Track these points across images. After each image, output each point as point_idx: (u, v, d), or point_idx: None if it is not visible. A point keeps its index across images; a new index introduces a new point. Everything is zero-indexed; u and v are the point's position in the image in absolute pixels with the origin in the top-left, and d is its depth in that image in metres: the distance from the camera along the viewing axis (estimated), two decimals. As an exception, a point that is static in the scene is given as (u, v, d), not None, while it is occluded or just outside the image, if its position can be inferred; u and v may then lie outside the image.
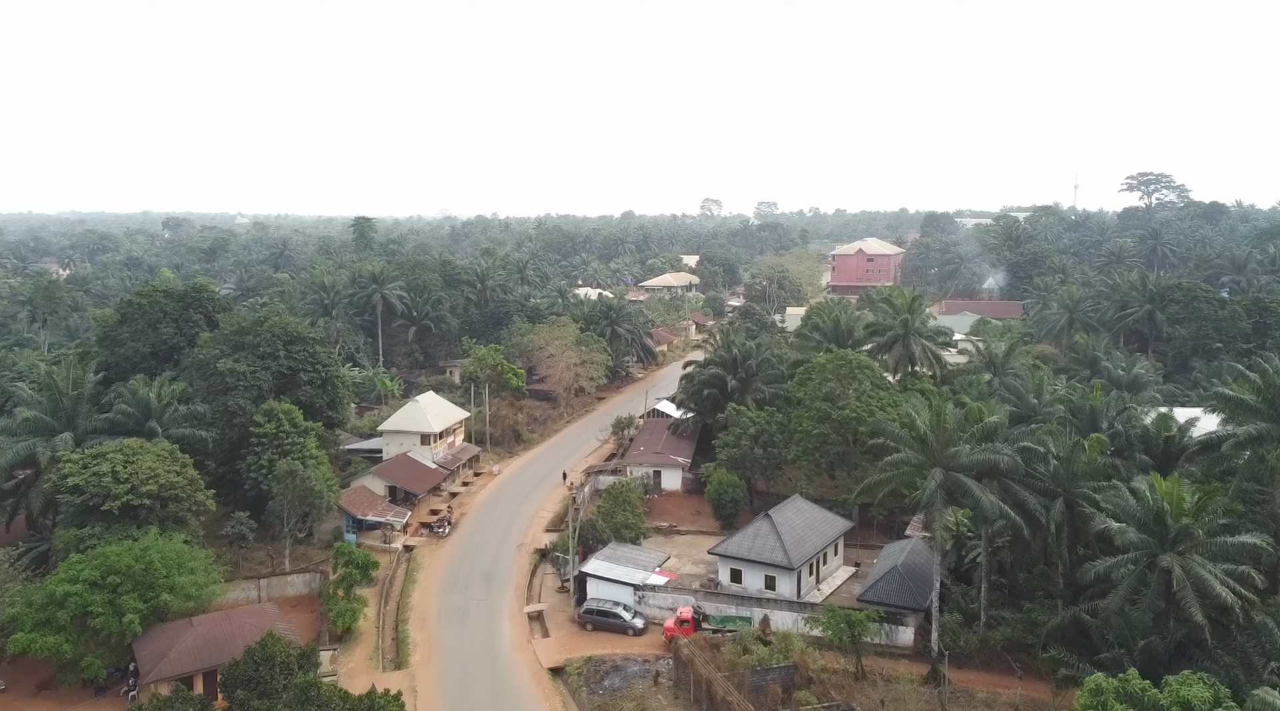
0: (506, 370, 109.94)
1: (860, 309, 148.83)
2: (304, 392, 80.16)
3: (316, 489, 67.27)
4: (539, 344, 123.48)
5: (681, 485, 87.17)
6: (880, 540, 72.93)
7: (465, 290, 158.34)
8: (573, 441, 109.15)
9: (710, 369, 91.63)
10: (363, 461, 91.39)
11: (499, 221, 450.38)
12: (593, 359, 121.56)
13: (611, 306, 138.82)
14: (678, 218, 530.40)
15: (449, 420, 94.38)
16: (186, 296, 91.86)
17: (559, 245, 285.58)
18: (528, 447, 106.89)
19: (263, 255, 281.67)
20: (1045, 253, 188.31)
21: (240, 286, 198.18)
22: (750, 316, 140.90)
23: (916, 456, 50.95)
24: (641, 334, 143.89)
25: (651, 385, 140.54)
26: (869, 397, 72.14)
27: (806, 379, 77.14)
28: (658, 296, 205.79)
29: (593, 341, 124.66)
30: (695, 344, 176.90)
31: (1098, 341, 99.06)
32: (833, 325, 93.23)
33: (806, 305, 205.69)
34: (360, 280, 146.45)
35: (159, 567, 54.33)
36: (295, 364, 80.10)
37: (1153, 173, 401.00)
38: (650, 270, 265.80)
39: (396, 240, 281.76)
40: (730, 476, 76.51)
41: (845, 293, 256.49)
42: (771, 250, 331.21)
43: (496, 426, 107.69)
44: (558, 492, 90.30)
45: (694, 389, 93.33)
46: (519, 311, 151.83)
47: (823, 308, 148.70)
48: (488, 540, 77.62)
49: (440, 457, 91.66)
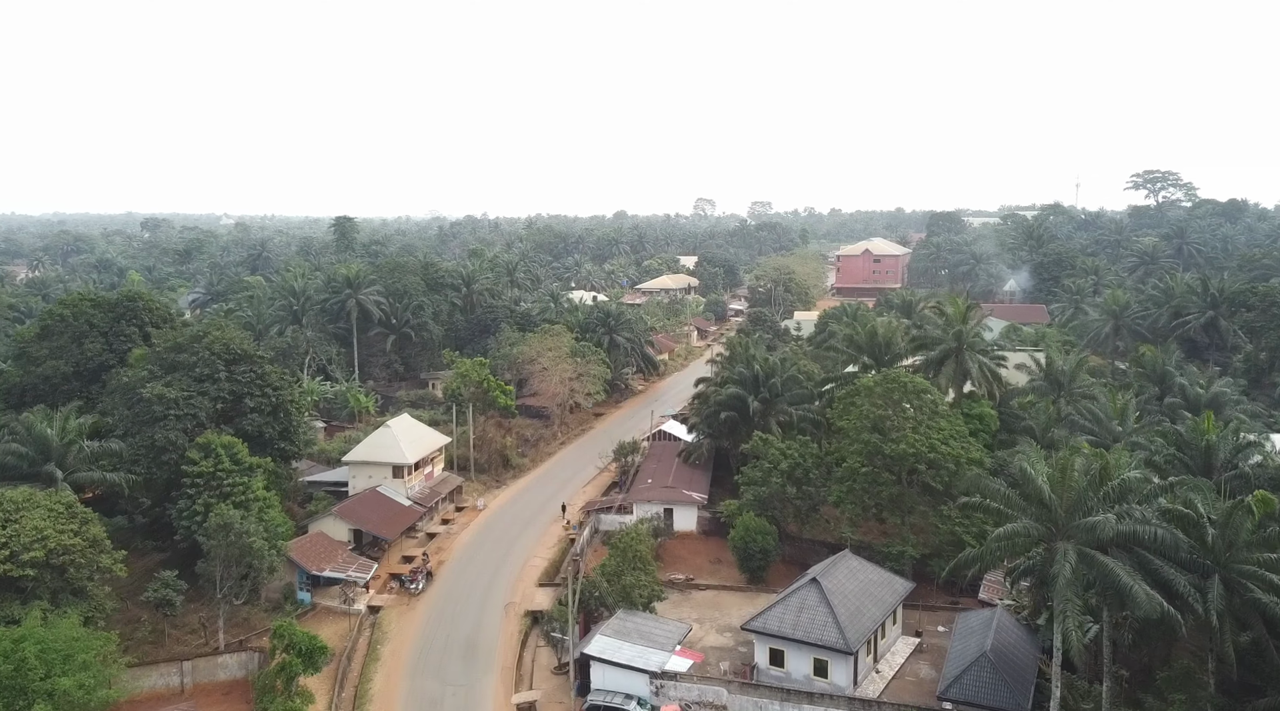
0: (493, 387, 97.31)
1: (879, 313, 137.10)
2: (250, 421, 67.39)
3: (256, 546, 54.49)
4: (530, 355, 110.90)
5: (697, 525, 74.69)
6: (940, 599, 60.64)
7: (450, 295, 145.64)
8: (569, 467, 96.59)
9: (728, 388, 79.24)
10: (326, 497, 78.66)
11: (488, 222, 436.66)
12: (590, 372, 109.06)
13: (609, 313, 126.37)
14: (671, 218, 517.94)
15: (426, 448, 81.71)
16: (119, 306, 79.01)
17: (550, 246, 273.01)
18: (517, 475, 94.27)
19: (240, 257, 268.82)
20: (1069, 253, 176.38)
21: (210, 290, 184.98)
22: (761, 323, 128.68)
23: (1037, 527, 38.59)
24: (642, 342, 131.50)
25: (654, 399, 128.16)
26: (928, 429, 59.81)
27: (849, 404, 64.74)
28: (655, 300, 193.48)
29: (589, 352, 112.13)
30: (698, 351, 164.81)
31: (1167, 353, 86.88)
32: (869, 337, 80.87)
33: (815, 309, 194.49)
34: (334, 284, 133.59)
35: (35, 665, 41.61)
36: (239, 387, 67.27)
37: (1159, 170, 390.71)
38: (646, 272, 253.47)
39: (380, 241, 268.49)
40: (758, 521, 64.07)
41: (851, 295, 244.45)
42: (771, 250, 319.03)
43: (482, 451, 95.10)
44: (553, 531, 77.80)
45: (709, 411, 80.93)
46: (508, 318, 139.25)
47: (838, 313, 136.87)
48: (469, 597, 64.99)
49: (416, 492, 79.06)
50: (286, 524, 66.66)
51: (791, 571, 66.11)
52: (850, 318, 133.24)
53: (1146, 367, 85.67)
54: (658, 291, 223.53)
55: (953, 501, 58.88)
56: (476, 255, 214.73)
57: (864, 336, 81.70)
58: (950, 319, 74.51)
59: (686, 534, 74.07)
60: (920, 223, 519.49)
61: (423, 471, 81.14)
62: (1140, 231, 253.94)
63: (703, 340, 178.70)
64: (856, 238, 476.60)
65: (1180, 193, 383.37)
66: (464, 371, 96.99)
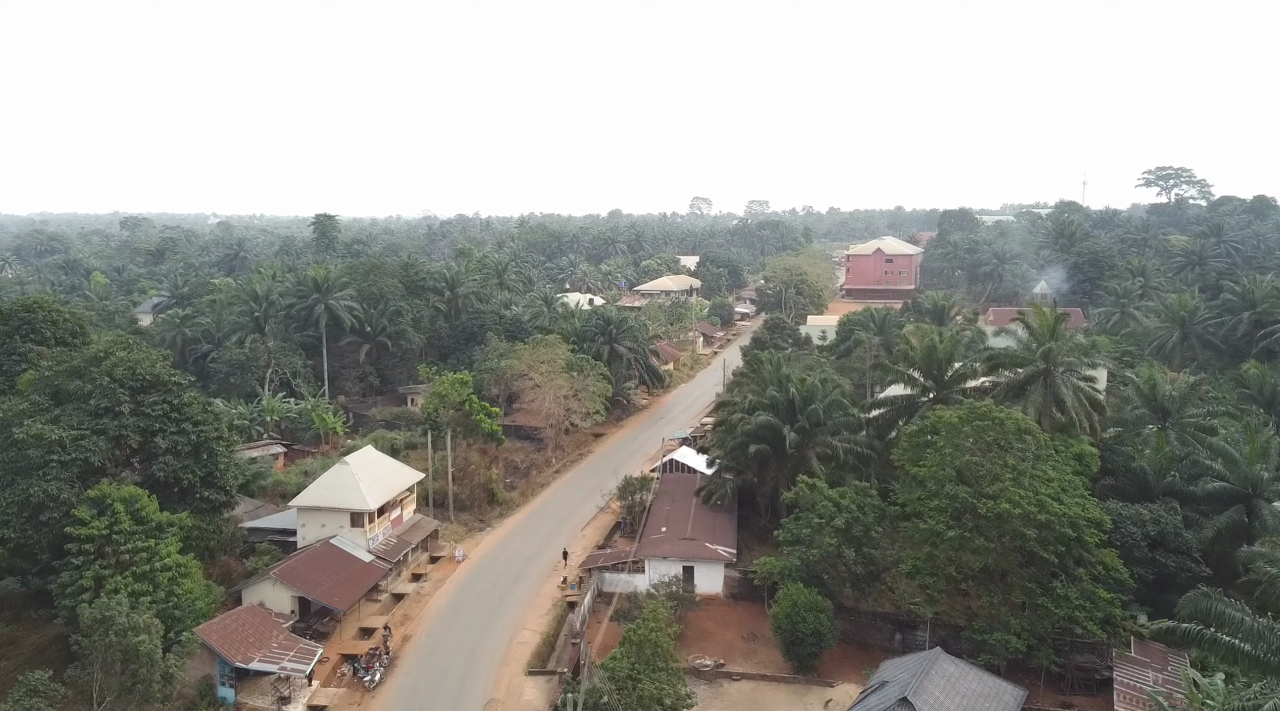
0: (476, 409, 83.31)
1: (905, 318, 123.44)
2: (162, 465, 53.32)
3: (144, 649, 40.38)
4: (520, 369, 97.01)
5: (724, 587, 60.82)
6: (1048, 700, 46.80)
7: (432, 299, 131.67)
8: (565, 502, 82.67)
9: (758, 415, 65.30)
10: (271, 549, 64.51)
11: (480, 220, 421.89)
12: (588, 388, 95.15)
13: (609, 319, 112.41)
14: (667, 216, 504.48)
15: (393, 488, 67.64)
16: (12, 317, 64.84)
17: (544, 245, 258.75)
18: (505, 512, 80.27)
19: (217, 257, 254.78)
20: (1105, 252, 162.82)
21: (175, 294, 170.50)
22: (779, 331, 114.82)
23: None
24: (645, 352, 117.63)
25: (659, 416, 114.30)
26: (1033, 480, 46.04)
27: (921, 443, 50.99)
28: (656, 302, 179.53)
29: (588, 366, 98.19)
30: (704, 360, 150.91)
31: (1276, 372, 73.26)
32: (925, 353, 66.98)
33: (827, 313, 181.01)
34: (301, 288, 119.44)
35: None
36: (149, 423, 53.21)
37: (1171, 166, 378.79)
38: (645, 272, 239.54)
39: (363, 240, 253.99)
40: (807, 593, 50.17)
41: (861, 297, 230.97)
42: (773, 250, 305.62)
43: (463, 484, 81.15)
44: (546, 590, 63.93)
45: (735, 443, 67.02)
46: (496, 325, 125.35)
47: (863, 319, 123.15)
48: (438, 693, 51.00)
49: (380, 543, 65.04)
50: (209, 597, 52.75)
51: (847, 652, 52.42)
52: (878, 325, 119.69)
53: (1252, 387, 72.00)
54: (658, 293, 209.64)
55: (1067, 575, 45.20)
56: (464, 255, 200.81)
57: (920, 352, 67.84)
58: (1036, 333, 60.60)
59: (711, 598, 60.13)
60: (922, 221, 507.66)
61: (389, 516, 67.09)
62: (1164, 229, 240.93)
63: (709, 347, 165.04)
64: (858, 237, 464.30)
65: (1194, 190, 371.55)
66: (441, 391, 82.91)
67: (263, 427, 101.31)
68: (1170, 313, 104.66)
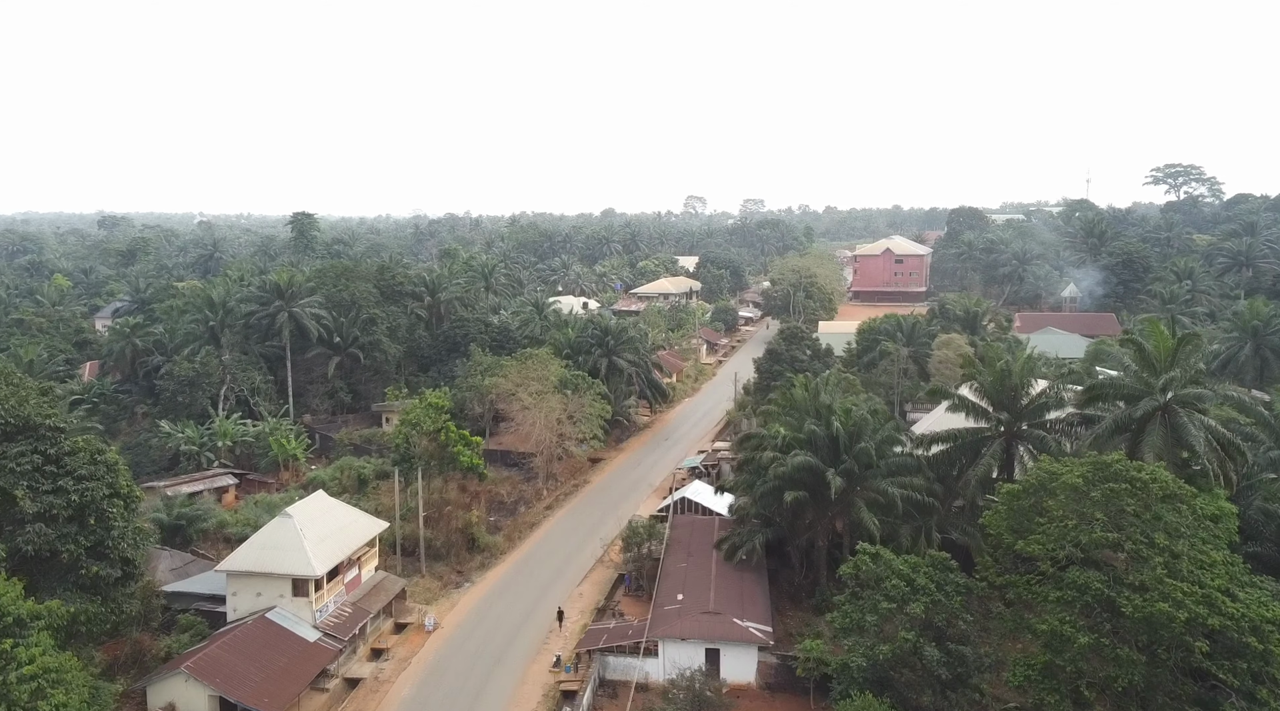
0: (455, 440, 71.01)
1: (934, 326, 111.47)
2: (31, 536, 40.95)
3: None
4: (507, 388, 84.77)
5: (757, 675, 48.62)
6: None
7: (411, 305, 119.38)
8: (558, 548, 70.42)
9: (796, 455, 53.07)
10: (195, 622, 52.22)
11: (470, 219, 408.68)
12: (585, 411, 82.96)
13: (607, 329, 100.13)
14: (662, 216, 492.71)
15: (348, 545, 55.23)
16: None
17: (535, 245, 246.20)
18: (487, 562, 67.88)
19: (192, 258, 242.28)
20: (1139, 252, 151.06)
21: (136, 298, 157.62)
22: (796, 341, 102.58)
23: None
24: (648, 365, 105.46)
25: (664, 436, 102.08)
26: (1191, 564, 34.00)
27: (1020, 506, 38.91)
28: (654, 306, 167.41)
29: (584, 384, 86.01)
30: (709, 370, 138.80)
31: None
32: (996, 379, 54.84)
33: (838, 318, 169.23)
34: (263, 295, 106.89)
35: None
36: (11, 480, 40.84)
37: (1180, 164, 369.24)
38: (641, 274, 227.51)
39: (345, 240, 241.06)
40: (878, 707, 37.97)
41: (870, 300, 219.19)
42: (774, 250, 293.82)
43: (439, 528, 68.91)
44: (535, 672, 51.77)
45: (766, 489, 54.81)
46: (482, 333, 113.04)
47: (889, 328, 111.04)
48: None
49: (329, 615, 52.71)
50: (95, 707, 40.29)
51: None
52: (906, 335, 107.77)
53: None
54: (656, 296, 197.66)
55: (1249, 698, 33.16)
56: (450, 256, 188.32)
57: (990, 376, 55.68)
58: (1148, 358, 48.42)
59: (742, 689, 47.92)
60: (922, 220, 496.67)
61: (342, 579, 54.74)
62: (1185, 228, 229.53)
63: (712, 355, 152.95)
64: (858, 236, 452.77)
65: (1204, 188, 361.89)
66: (413, 418, 70.49)
67: (214, 454, 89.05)
68: (1239, 321, 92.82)
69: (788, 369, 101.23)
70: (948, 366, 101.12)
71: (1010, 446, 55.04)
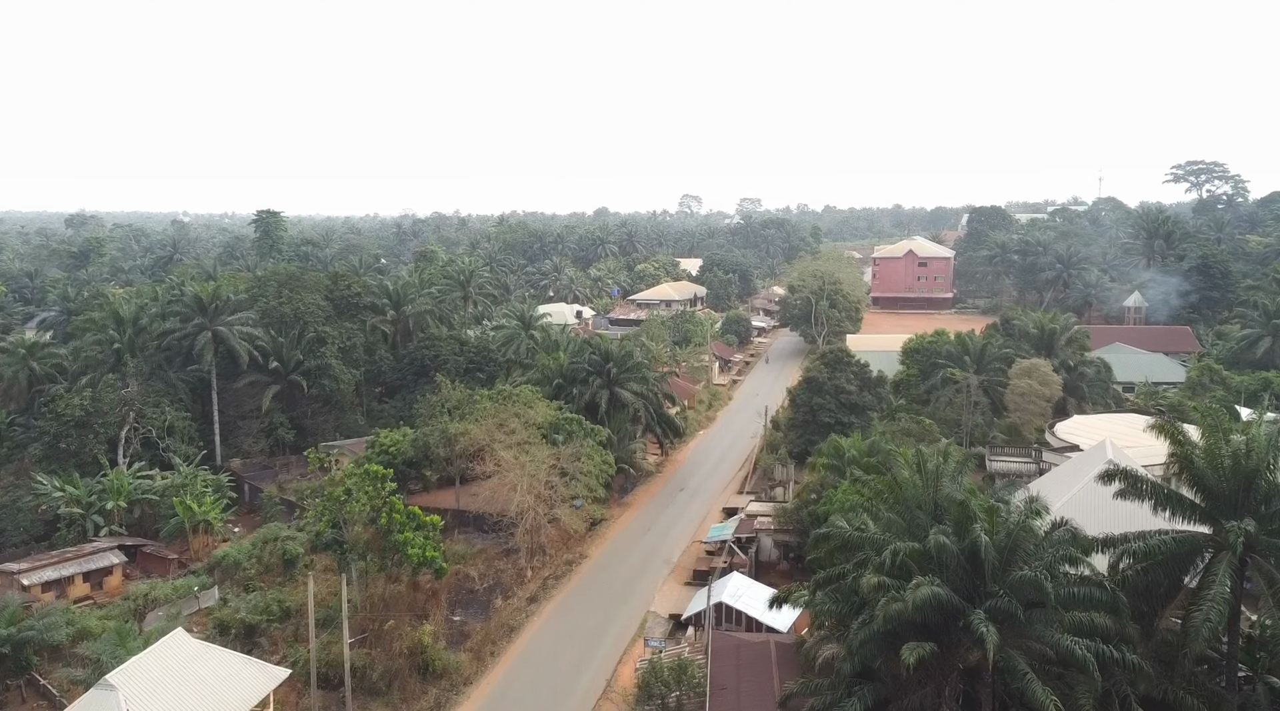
0: (401, 523, 50.80)
1: (1005, 345, 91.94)
2: None
3: None
4: (479, 438, 64.93)
5: None
6: None
7: (371, 320, 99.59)
8: (547, 673, 50.44)
9: (919, 587, 33.26)
10: None
11: (456, 219, 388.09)
12: (580, 469, 63.25)
13: (609, 355, 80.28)
14: (657, 215, 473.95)
15: (214, 722, 35.36)
16: None
17: (524, 246, 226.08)
18: (446, 701, 47.90)
19: (151, 260, 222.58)
20: (1217, 255, 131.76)
21: (65, 307, 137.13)
22: (841, 368, 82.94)
23: None
24: (659, 396, 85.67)
25: (679, 486, 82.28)
26: None
27: None
28: (657, 317, 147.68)
29: (579, 430, 66.29)
30: (723, 394, 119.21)
31: None
32: (1232, 463, 35.24)
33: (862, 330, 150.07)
34: (184, 310, 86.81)
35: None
36: None
37: (1203, 161, 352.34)
38: (640, 278, 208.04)
39: (315, 241, 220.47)
40: None
41: (891, 307, 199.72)
42: (780, 251, 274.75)
43: (380, 649, 49.02)
44: None
45: (869, 634, 35.01)
46: (457, 354, 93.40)
47: (951, 352, 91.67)
48: None
49: None
50: None
51: None
52: (974, 358, 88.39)
53: None
54: (657, 303, 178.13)
55: None
56: (426, 259, 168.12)
57: (1205, 459, 36.03)
58: None
59: None
60: (926, 220, 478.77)
61: (206, 777, 34.85)
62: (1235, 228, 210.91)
63: (725, 374, 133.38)
64: (861, 236, 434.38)
65: (1228, 186, 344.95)
66: (337, 494, 50.33)
67: (104, 518, 69.21)
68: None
69: (831, 402, 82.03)
70: (1030, 400, 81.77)
71: (1243, 565, 35.61)
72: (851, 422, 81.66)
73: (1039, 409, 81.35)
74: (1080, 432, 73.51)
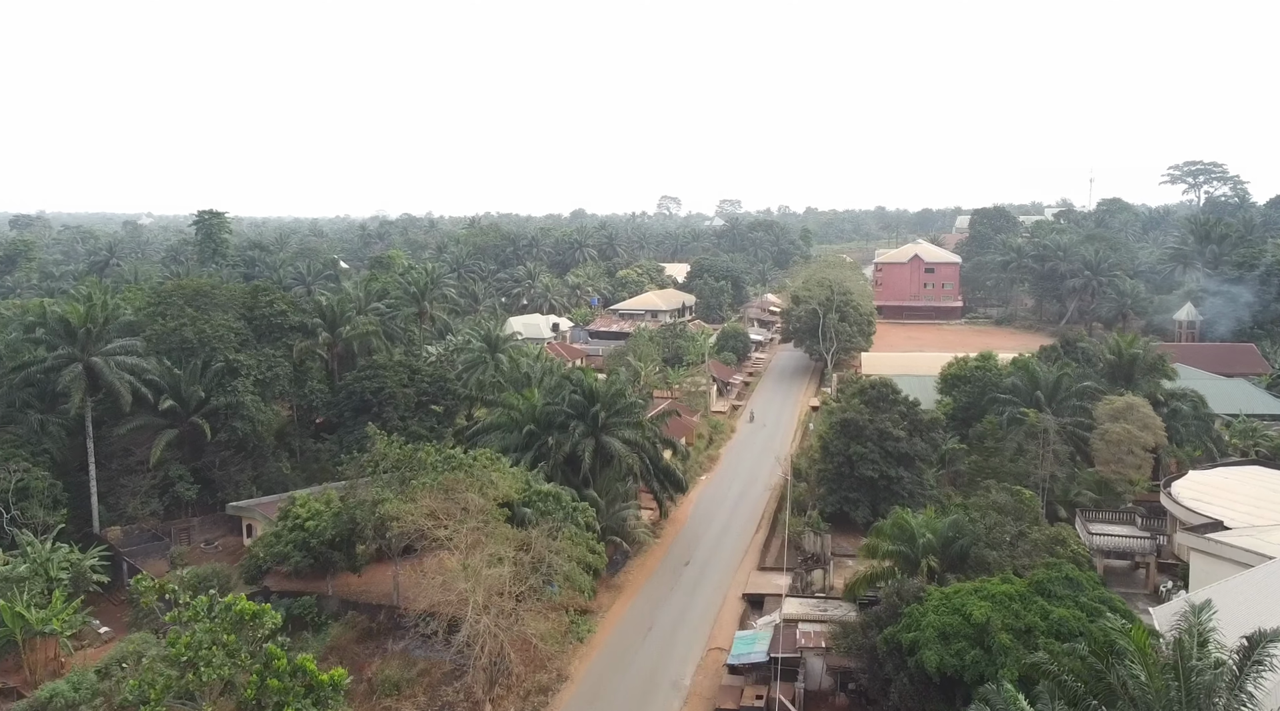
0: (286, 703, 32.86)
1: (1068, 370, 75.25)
2: None
3: None
4: (419, 521, 47.00)
5: None
6: None
7: (303, 344, 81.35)
8: None
9: None
10: None
11: (426, 221, 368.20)
12: (559, 565, 45.59)
13: (595, 395, 62.51)
14: (635, 216, 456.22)
15: None
16: None
17: (496, 250, 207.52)
18: None
19: (84, 266, 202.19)
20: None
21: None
22: (883, 406, 65.85)
23: None
24: (657, 445, 67.86)
25: (680, 558, 64.29)
26: None
27: None
28: (643, 331, 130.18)
29: (556, 510, 48.58)
30: (726, 425, 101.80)
31: None
32: None
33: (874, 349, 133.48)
34: (50, 338, 68.02)
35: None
36: None
37: (1201, 161, 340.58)
38: (622, 285, 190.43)
39: (264, 244, 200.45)
40: None
41: (896, 316, 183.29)
42: (769, 255, 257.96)
43: None
44: None
45: None
46: (404, 387, 75.48)
47: (1017, 382, 74.88)
48: None
49: None
50: None
51: None
52: (1048, 393, 71.46)
53: None
54: (642, 314, 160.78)
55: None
56: (382, 266, 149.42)
57: None
58: None
59: None
60: (911, 222, 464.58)
61: None
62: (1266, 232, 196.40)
63: (724, 398, 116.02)
64: (847, 238, 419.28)
65: (1227, 187, 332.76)
66: (177, 650, 32.26)
67: (-91, 625, 50.62)
68: None
69: (875, 451, 64.92)
70: (1127, 449, 64.87)
71: None
72: (900, 477, 64.86)
73: (1136, 460, 64.52)
74: (1207, 496, 56.71)
